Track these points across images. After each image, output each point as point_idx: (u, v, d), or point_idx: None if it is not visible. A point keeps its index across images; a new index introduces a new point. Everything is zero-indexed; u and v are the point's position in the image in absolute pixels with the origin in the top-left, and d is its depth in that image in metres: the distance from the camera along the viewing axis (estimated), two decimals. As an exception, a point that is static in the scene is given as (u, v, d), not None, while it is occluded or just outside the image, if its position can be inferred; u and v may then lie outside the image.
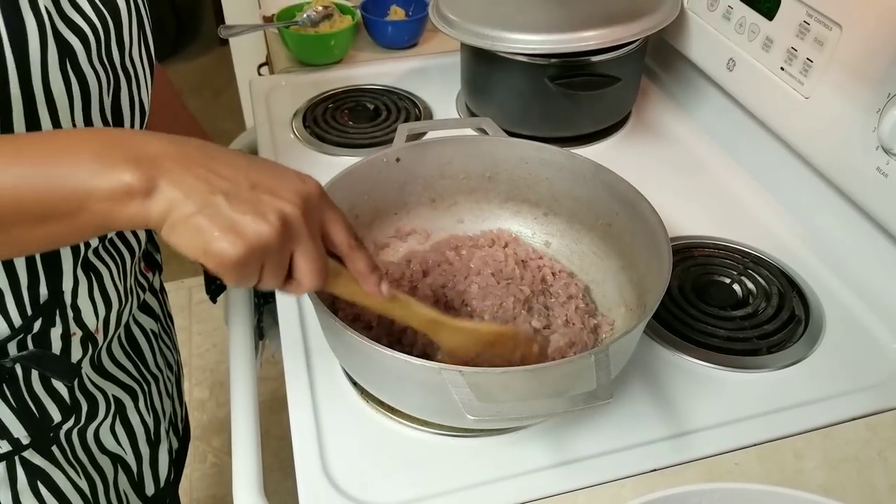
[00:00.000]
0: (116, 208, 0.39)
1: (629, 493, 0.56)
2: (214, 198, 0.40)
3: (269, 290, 0.46)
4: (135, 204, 0.39)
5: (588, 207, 0.72)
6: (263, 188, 0.42)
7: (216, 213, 0.39)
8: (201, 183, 0.40)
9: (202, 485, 1.65)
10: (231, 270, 0.40)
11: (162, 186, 0.39)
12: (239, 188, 0.41)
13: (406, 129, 0.74)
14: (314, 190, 0.45)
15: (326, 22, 1.12)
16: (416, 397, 0.57)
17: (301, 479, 0.58)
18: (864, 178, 0.70)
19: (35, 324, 0.58)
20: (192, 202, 0.39)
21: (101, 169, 0.39)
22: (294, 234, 0.43)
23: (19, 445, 0.62)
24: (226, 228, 0.39)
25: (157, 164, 0.39)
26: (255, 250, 0.40)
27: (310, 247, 0.44)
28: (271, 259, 0.42)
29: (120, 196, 0.39)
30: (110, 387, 0.72)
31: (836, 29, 0.72)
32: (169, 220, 0.39)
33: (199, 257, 0.40)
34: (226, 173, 0.41)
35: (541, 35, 0.85)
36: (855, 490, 0.57)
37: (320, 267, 0.45)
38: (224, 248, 0.39)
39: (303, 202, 0.43)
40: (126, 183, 0.39)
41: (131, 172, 0.39)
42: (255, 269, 0.42)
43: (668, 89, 1.08)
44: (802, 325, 0.71)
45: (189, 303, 2.07)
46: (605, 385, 0.48)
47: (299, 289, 0.46)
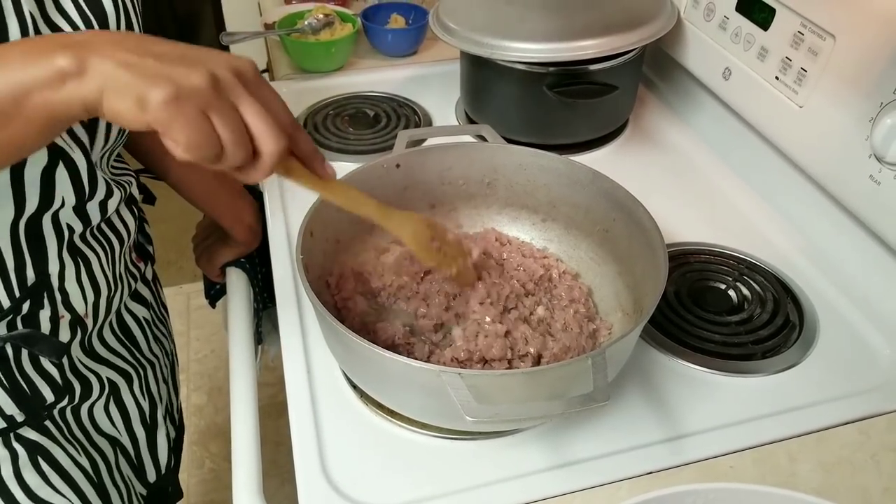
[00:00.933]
0: (54, 94, 0.40)
1: (626, 495, 0.57)
2: (144, 60, 0.40)
3: (237, 172, 0.44)
4: (70, 85, 0.39)
5: (586, 213, 0.73)
6: (192, 56, 0.42)
7: (145, 70, 0.40)
8: (132, 54, 0.40)
9: (200, 490, 1.65)
10: (169, 112, 0.39)
11: (93, 62, 0.40)
12: (169, 55, 0.41)
13: (406, 136, 0.75)
14: (247, 65, 0.44)
15: (327, 29, 1.13)
16: (416, 400, 0.57)
17: (301, 482, 0.59)
18: (858, 185, 0.71)
19: (24, 305, 0.60)
20: (123, 69, 0.40)
21: (32, 60, 0.40)
22: (229, 88, 0.42)
23: (14, 423, 0.64)
24: (154, 76, 0.40)
25: (86, 45, 0.40)
26: (184, 89, 0.40)
27: (256, 106, 0.43)
28: (213, 108, 0.41)
29: (54, 80, 0.39)
30: (104, 370, 0.73)
31: (830, 39, 0.73)
32: (104, 90, 0.40)
33: (135, 114, 0.40)
34: (157, 48, 0.41)
35: (539, 44, 0.86)
36: (848, 493, 0.58)
37: (277, 128, 0.43)
38: (154, 91, 0.39)
39: (235, 71, 0.43)
40: (59, 66, 0.39)
41: (61, 56, 0.39)
42: (197, 114, 0.40)
43: (664, 98, 1.09)
44: (797, 331, 0.72)
45: (187, 308, 2.08)
46: (602, 387, 0.49)
47: (266, 160, 0.44)
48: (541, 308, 0.68)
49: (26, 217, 0.57)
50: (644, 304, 0.62)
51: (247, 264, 0.89)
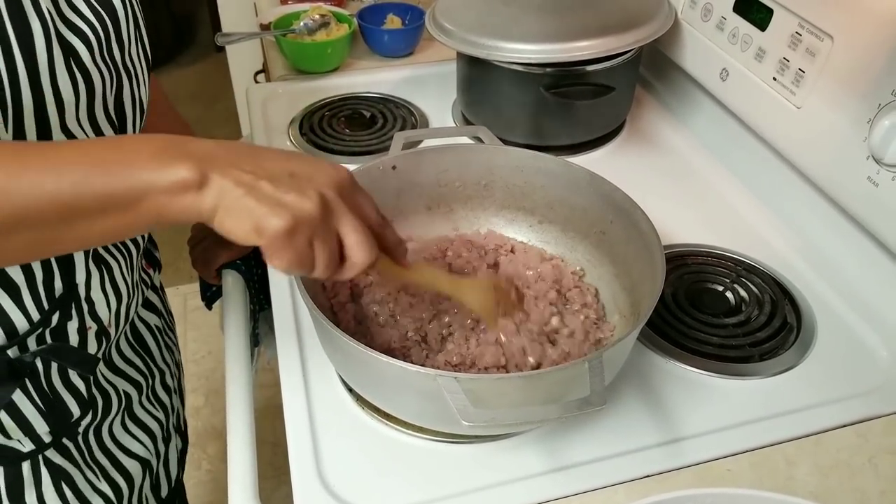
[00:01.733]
0: (173, 201, 0.43)
1: (623, 499, 0.57)
2: (259, 183, 0.44)
3: (325, 278, 0.50)
4: (189, 196, 0.43)
5: (582, 215, 0.73)
6: (302, 175, 0.46)
7: (262, 194, 0.43)
8: (247, 174, 0.44)
9: (197, 492, 1.65)
10: (282, 243, 0.43)
11: (213, 178, 0.43)
12: (280, 175, 0.45)
13: (402, 138, 0.75)
14: (346, 175, 0.49)
15: (323, 30, 1.13)
16: (412, 404, 0.57)
17: (297, 485, 0.58)
18: (855, 187, 0.71)
19: (53, 317, 0.59)
20: (241, 188, 0.43)
21: (160, 166, 0.42)
22: (334, 210, 0.46)
23: (42, 444, 0.63)
24: (272, 204, 0.43)
25: (208, 160, 0.43)
26: (300, 221, 0.44)
27: (354, 222, 0.47)
28: (318, 234, 0.45)
29: (177, 189, 0.42)
30: (121, 382, 0.73)
31: (828, 40, 0.73)
32: (220, 206, 0.43)
33: (250, 236, 0.43)
34: (267, 165, 0.45)
35: (536, 45, 0.86)
36: (845, 496, 0.58)
37: (368, 240, 0.48)
38: (273, 221, 0.43)
39: (337, 185, 0.47)
40: (182, 177, 0.42)
41: (187, 168, 0.42)
42: (305, 244, 0.45)
43: (662, 98, 1.09)
44: (794, 333, 0.71)
45: (184, 309, 2.07)
46: (599, 391, 0.49)
47: (353, 268, 0.48)
48: (555, 318, 0.67)
49: None
50: (641, 306, 0.62)
51: (243, 266, 0.88)
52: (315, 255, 0.46)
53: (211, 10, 2.39)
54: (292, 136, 1.00)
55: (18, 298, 0.56)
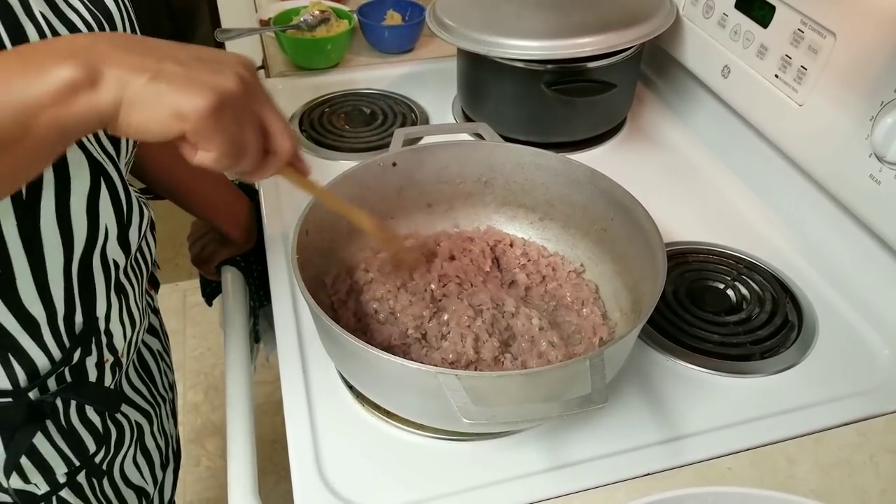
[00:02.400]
0: (65, 109, 0.36)
1: (623, 497, 0.57)
2: (164, 65, 0.37)
3: (251, 172, 0.44)
4: (82, 97, 0.36)
5: (583, 213, 0.72)
6: (209, 58, 0.40)
7: (172, 76, 0.37)
8: (145, 58, 0.37)
9: (196, 488, 1.64)
10: (211, 124, 0.38)
11: (104, 71, 0.36)
12: (185, 59, 0.39)
13: (403, 134, 0.74)
14: (251, 62, 0.43)
15: (323, 26, 1.12)
16: (412, 401, 0.57)
17: (297, 482, 0.58)
18: (857, 185, 0.70)
19: (74, 354, 0.56)
20: (143, 74, 0.37)
21: (35, 73, 0.36)
22: (254, 90, 0.42)
23: (57, 485, 0.62)
24: (188, 83, 0.37)
25: (92, 51, 0.37)
26: (224, 97, 0.38)
27: (274, 107, 0.43)
28: (246, 115, 0.40)
29: (64, 94, 0.36)
30: (132, 412, 0.71)
31: (830, 37, 0.72)
32: (124, 100, 0.37)
33: (169, 125, 0.37)
34: (166, 51, 0.39)
35: (537, 41, 0.86)
36: (846, 494, 0.58)
37: (290, 127, 0.44)
38: (195, 101, 0.37)
39: (247, 68, 0.42)
40: (63, 79, 0.36)
41: (66, 67, 0.36)
42: (234, 124, 0.40)
43: (663, 96, 1.09)
44: (795, 331, 0.71)
45: (183, 306, 2.07)
46: (600, 389, 0.49)
47: (279, 159, 0.44)
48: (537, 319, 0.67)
49: (77, 258, 0.53)
50: (642, 304, 0.62)
51: (242, 263, 0.88)
52: (245, 139, 0.41)
53: (210, 6, 2.39)
54: (292, 132, 0.99)
55: (38, 337, 0.54)
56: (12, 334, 0.52)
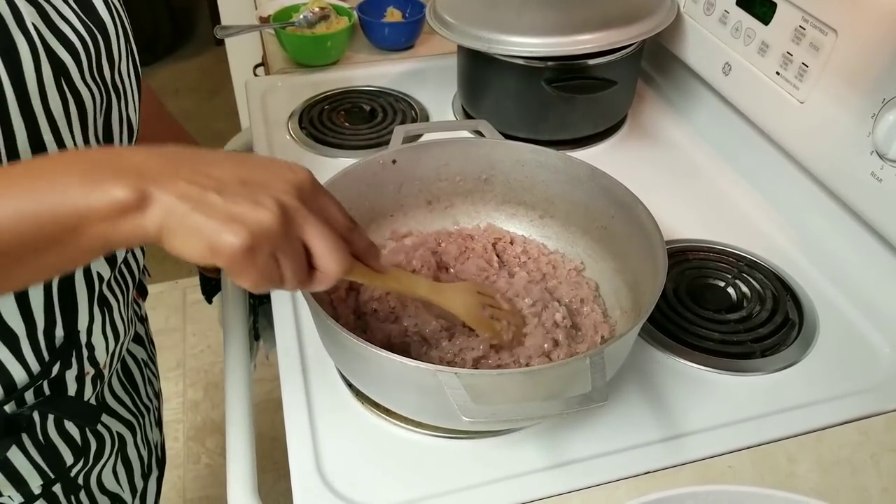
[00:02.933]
0: (113, 226, 0.38)
1: (623, 496, 0.57)
2: (207, 195, 0.39)
3: (295, 290, 0.45)
4: (130, 219, 0.38)
5: (584, 210, 0.72)
6: (254, 182, 0.41)
7: (212, 209, 0.38)
8: (191, 185, 0.39)
9: (195, 486, 1.64)
10: (242, 262, 0.39)
11: (154, 195, 0.38)
12: (230, 184, 0.40)
13: (402, 131, 0.74)
14: (306, 177, 0.44)
15: (323, 23, 1.12)
16: (412, 399, 0.57)
17: (296, 480, 0.58)
18: (859, 182, 0.70)
19: (53, 368, 0.56)
20: (187, 204, 0.38)
21: (91, 189, 0.38)
22: (296, 219, 0.42)
23: (31, 496, 0.61)
24: (225, 220, 0.38)
25: (145, 174, 0.38)
26: (258, 236, 0.39)
27: (320, 228, 0.43)
28: (282, 248, 0.41)
29: (115, 213, 0.38)
30: (114, 423, 0.70)
31: (832, 34, 0.72)
32: (167, 226, 0.38)
33: (205, 256, 0.39)
34: (214, 173, 0.40)
35: (537, 38, 0.85)
36: (847, 493, 0.58)
37: (338, 246, 0.44)
38: (228, 239, 0.38)
39: (297, 190, 0.42)
40: (118, 199, 0.37)
41: (121, 188, 0.37)
42: (268, 260, 0.40)
43: (663, 93, 1.08)
44: (796, 329, 0.71)
45: (183, 303, 2.07)
46: (601, 387, 0.48)
47: (325, 278, 0.44)
48: (558, 314, 0.67)
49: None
50: (642, 302, 0.61)
51: (242, 260, 0.88)
52: (281, 269, 0.42)
53: (210, 3, 2.39)
54: (292, 129, 0.99)
55: (17, 350, 0.53)
56: None
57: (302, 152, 0.95)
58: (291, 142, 0.97)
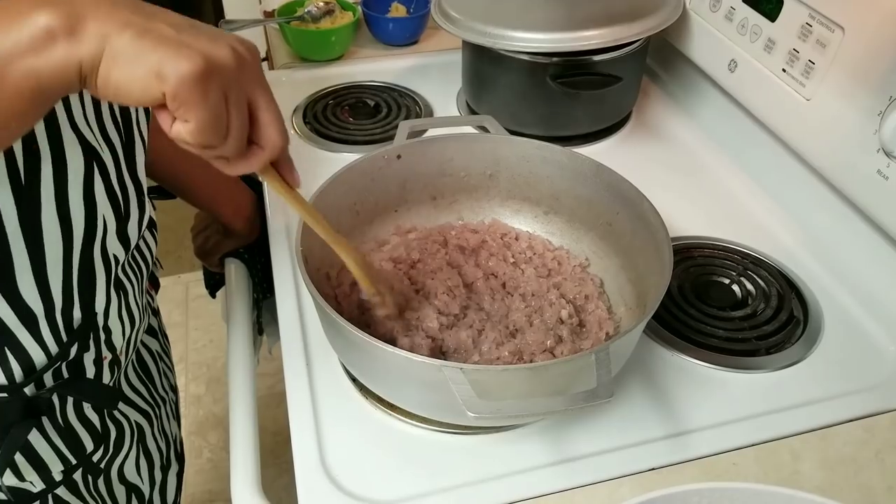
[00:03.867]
0: (41, 59, 0.34)
1: (627, 492, 0.57)
2: (155, 24, 0.35)
3: (231, 159, 0.39)
4: (60, 47, 0.34)
5: (589, 207, 0.72)
6: (205, 29, 0.37)
7: (161, 36, 0.35)
8: (134, 15, 0.35)
9: (198, 480, 1.65)
10: (192, 90, 0.35)
11: (88, 22, 0.34)
12: (181, 24, 0.36)
13: (407, 127, 0.74)
14: (255, 48, 0.40)
15: (327, 18, 1.12)
16: (416, 394, 0.57)
17: (300, 474, 0.58)
18: (865, 180, 0.70)
19: (71, 350, 0.56)
20: (129, 29, 0.34)
21: (12, 20, 0.34)
22: (249, 66, 0.38)
23: (52, 483, 0.61)
24: (177, 45, 0.34)
25: (76, 1, 0.34)
26: (213, 66, 0.35)
27: (269, 94, 0.39)
28: (234, 91, 0.37)
29: (41, 42, 0.34)
30: (132, 412, 0.71)
31: (839, 31, 0.72)
32: (105, 54, 0.34)
33: (148, 85, 0.35)
34: (160, 13, 0.36)
35: (543, 34, 0.85)
36: (852, 491, 0.58)
37: (282, 121, 0.40)
38: (180, 63, 0.34)
39: (248, 48, 0.39)
40: (43, 25, 0.33)
41: (46, 14, 0.33)
42: (219, 97, 0.36)
43: (668, 89, 1.08)
44: (801, 327, 0.71)
45: (186, 298, 2.07)
46: (606, 384, 0.48)
47: (261, 154, 0.40)
48: (564, 311, 0.66)
49: (78, 250, 0.53)
50: (647, 298, 0.61)
51: (246, 255, 0.88)
52: (229, 117, 0.37)
53: (214, -3, 2.38)
54: (296, 124, 0.99)
55: (36, 331, 0.53)
56: (9, 327, 0.52)
57: (306, 147, 0.95)
58: (295, 137, 0.97)
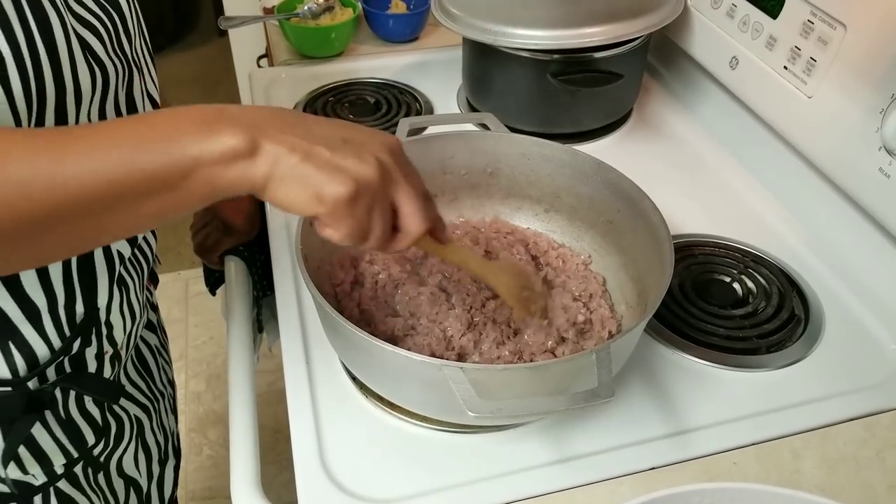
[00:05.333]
0: (223, 171, 0.40)
1: (627, 491, 0.56)
2: (316, 148, 0.42)
3: (374, 249, 0.48)
4: (240, 165, 0.40)
5: (589, 204, 0.72)
6: (355, 141, 0.44)
7: (320, 160, 0.42)
8: (300, 139, 0.42)
9: (198, 477, 1.65)
10: (343, 211, 0.42)
11: (264, 145, 0.41)
12: (334, 141, 0.43)
13: (408, 124, 0.74)
14: (397, 142, 0.47)
15: (327, 14, 1.11)
16: (417, 393, 0.57)
17: (299, 473, 0.58)
18: (867, 178, 0.70)
19: (74, 344, 0.57)
20: (296, 155, 0.41)
21: (205, 136, 0.40)
22: (391, 176, 0.45)
23: (55, 476, 0.62)
24: (332, 170, 0.42)
25: (258, 126, 0.41)
26: (361, 187, 0.42)
27: (410, 189, 0.46)
28: (378, 201, 0.44)
29: (227, 158, 0.40)
30: (131, 406, 0.71)
31: (841, 28, 0.71)
32: (275, 175, 0.41)
33: (309, 205, 0.42)
34: (320, 131, 0.43)
35: (544, 31, 0.85)
36: (853, 490, 0.57)
37: (422, 208, 0.47)
38: (334, 188, 0.41)
39: (390, 151, 0.46)
40: (231, 145, 0.40)
41: (235, 136, 0.40)
42: (365, 212, 0.43)
43: (670, 87, 1.08)
44: (802, 325, 0.71)
45: (185, 295, 2.07)
46: (607, 383, 0.48)
47: (405, 238, 0.47)
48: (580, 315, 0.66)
49: None
50: (648, 296, 0.61)
51: (245, 252, 0.88)
52: (372, 224, 0.45)
53: (213, -6, 2.38)
54: (296, 121, 0.99)
55: (39, 325, 0.54)
56: (13, 321, 0.53)
57: (306, 144, 0.94)
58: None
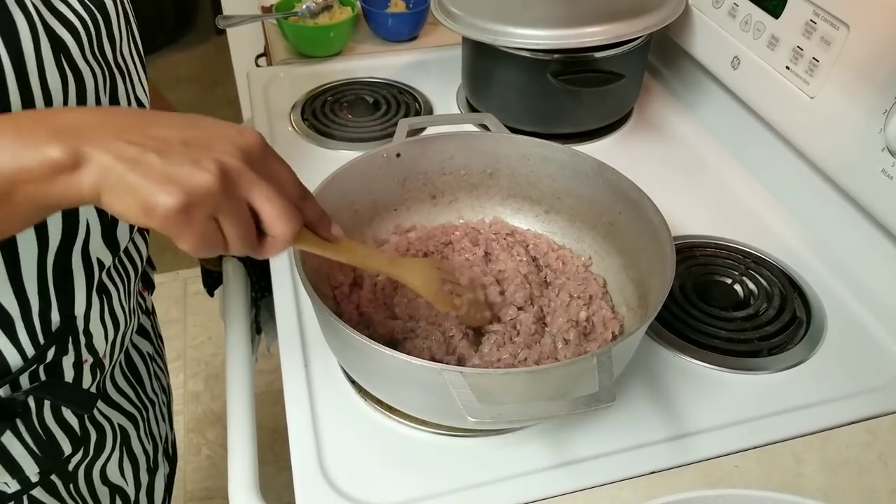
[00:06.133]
0: (46, 187, 0.37)
1: (628, 495, 0.56)
2: (146, 155, 0.38)
3: (246, 256, 0.44)
4: (64, 179, 0.37)
5: (590, 205, 0.71)
6: (198, 143, 0.40)
7: (148, 169, 0.38)
8: (129, 145, 0.38)
9: (196, 477, 1.64)
10: (177, 223, 0.38)
11: (89, 155, 0.37)
12: (171, 145, 0.39)
13: (407, 125, 0.73)
14: (255, 140, 0.42)
15: (326, 13, 1.11)
16: (416, 397, 0.56)
17: (298, 476, 0.57)
18: (869, 179, 0.69)
19: (48, 353, 0.55)
20: (123, 164, 0.37)
21: (22, 148, 0.37)
22: (240, 181, 0.40)
23: (29, 484, 0.61)
24: (160, 180, 0.37)
25: (81, 134, 0.38)
26: (194, 196, 0.38)
27: (268, 191, 0.41)
28: (223, 210, 0.40)
29: (48, 174, 0.37)
30: (115, 415, 0.70)
31: (844, 28, 0.71)
32: (104, 186, 0.37)
33: (140, 217, 0.38)
34: (157, 133, 0.39)
35: (544, 30, 0.84)
36: (855, 494, 0.57)
37: (288, 210, 0.42)
38: (161, 199, 0.37)
39: (242, 153, 0.41)
40: (51, 159, 0.37)
41: (53, 146, 0.37)
42: (207, 222, 0.39)
43: (671, 87, 1.07)
44: (804, 328, 0.70)
45: (184, 294, 2.06)
46: (608, 387, 0.48)
47: (275, 243, 0.43)
48: (583, 313, 0.66)
49: (53, 252, 0.52)
50: (649, 299, 0.61)
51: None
52: (224, 231, 0.40)
53: (212, -8, 2.37)
54: (294, 121, 0.98)
55: (12, 332, 0.53)
56: None
57: (304, 144, 0.94)
58: (293, 134, 0.96)
